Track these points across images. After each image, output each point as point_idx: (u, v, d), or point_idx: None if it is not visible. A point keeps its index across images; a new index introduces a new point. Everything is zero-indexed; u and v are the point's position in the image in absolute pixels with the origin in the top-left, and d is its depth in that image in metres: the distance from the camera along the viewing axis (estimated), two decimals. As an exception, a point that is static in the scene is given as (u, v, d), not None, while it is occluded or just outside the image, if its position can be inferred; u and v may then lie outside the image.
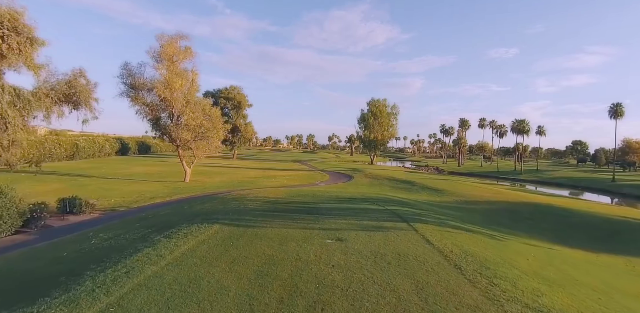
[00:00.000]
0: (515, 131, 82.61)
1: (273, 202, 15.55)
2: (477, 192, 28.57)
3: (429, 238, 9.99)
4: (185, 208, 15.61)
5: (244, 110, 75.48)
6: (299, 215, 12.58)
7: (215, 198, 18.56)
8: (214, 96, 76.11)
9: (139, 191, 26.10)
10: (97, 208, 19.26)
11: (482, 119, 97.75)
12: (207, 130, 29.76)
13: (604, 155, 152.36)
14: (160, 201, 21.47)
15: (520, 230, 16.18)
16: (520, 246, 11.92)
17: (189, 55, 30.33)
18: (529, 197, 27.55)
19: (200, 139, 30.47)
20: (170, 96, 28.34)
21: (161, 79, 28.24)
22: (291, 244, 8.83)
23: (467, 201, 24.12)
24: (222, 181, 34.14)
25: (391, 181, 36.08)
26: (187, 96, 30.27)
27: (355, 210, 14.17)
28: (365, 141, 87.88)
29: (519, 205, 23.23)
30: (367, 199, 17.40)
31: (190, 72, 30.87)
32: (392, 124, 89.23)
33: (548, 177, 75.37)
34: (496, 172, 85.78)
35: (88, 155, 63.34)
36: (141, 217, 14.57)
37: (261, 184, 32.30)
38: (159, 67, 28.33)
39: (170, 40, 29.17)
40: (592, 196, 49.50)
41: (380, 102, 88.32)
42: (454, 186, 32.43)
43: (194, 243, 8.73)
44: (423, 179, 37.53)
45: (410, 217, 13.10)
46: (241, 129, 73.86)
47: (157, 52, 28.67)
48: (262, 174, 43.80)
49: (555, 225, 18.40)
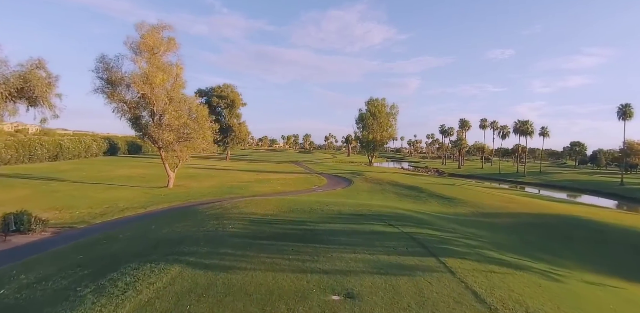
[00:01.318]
0: (518, 132, 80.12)
1: (260, 222, 12.53)
2: (491, 200, 25.72)
3: (474, 288, 7.07)
4: (151, 230, 12.56)
5: (238, 109, 72.32)
6: (291, 246, 9.58)
7: (193, 214, 15.51)
8: (207, 94, 72.90)
9: (112, 200, 23.00)
10: (53, 224, 16.22)
11: (483, 120, 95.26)
12: (192, 131, 26.69)
13: (603, 157, 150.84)
14: (131, 215, 18.41)
15: (564, 255, 13.30)
16: (585, 289, 9.03)
17: (173, 47, 27.26)
18: (549, 206, 24.75)
19: (185, 141, 27.41)
20: (150, 92, 25.26)
21: (140, 73, 25.15)
22: (280, 307, 5.86)
23: (484, 213, 21.25)
24: (210, 187, 31.06)
25: (395, 187, 33.17)
26: (171, 93, 27.18)
27: (363, 235, 11.21)
28: (363, 141, 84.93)
29: (544, 218, 20.40)
30: (375, 215, 14.44)
31: (174, 66, 27.79)
32: (391, 124, 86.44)
33: (552, 180, 72.90)
34: (498, 174, 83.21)
35: (73, 156, 59.99)
36: (91, 242, 11.52)
37: (253, 191, 29.28)
38: (137, 60, 25.22)
39: (151, 30, 26.08)
40: (608, 202, 46.87)
41: (379, 102, 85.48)
42: (464, 192, 29.58)
43: (131, 307, 5.73)
44: (428, 185, 34.66)
45: (436, 246, 10.15)
46: (234, 129, 70.68)
47: (136, 43, 25.57)
48: (255, 178, 40.74)
49: (598, 247, 15.58)
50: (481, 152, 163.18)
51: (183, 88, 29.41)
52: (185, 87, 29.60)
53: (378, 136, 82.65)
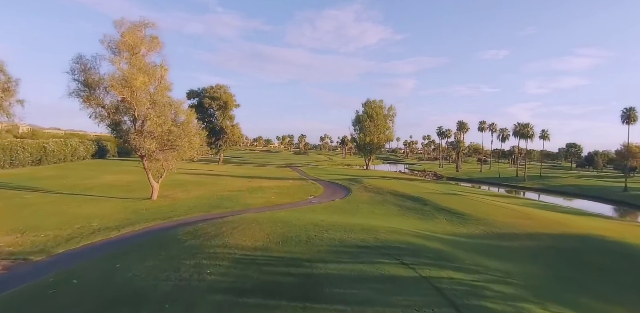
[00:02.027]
0: (518, 135, 78.39)
1: (246, 262, 10.31)
2: (502, 216, 23.64)
3: None
4: (114, 270, 10.27)
5: (231, 111, 69.89)
6: (285, 308, 7.39)
7: (170, 243, 13.23)
8: (199, 95, 70.46)
9: (86, 218, 20.61)
10: (7, 253, 13.85)
11: (482, 123, 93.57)
12: (176, 138, 24.33)
13: (600, 159, 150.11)
14: (101, 240, 16.05)
15: (612, 299, 11.20)
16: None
17: (156, 46, 24.87)
18: (566, 223, 22.73)
19: (169, 149, 25.05)
20: (130, 96, 22.88)
21: (118, 76, 22.77)
22: None
23: (500, 233, 19.15)
24: (198, 198, 28.72)
25: (396, 197, 31.03)
26: (154, 96, 24.80)
27: (374, 282, 9.03)
28: (360, 144, 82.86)
29: (567, 241, 18.36)
30: (384, 247, 12.29)
31: (158, 68, 25.40)
32: (388, 126, 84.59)
33: (554, 184, 71.30)
34: (498, 178, 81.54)
35: (58, 159, 57.28)
36: (32, 293, 9.20)
37: (244, 203, 27.00)
38: (116, 61, 22.80)
39: (132, 27, 23.68)
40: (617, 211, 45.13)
41: (377, 104, 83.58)
42: (472, 206, 27.51)
43: None
44: (431, 195, 32.58)
45: (467, 303, 8.00)
46: (227, 132, 68.27)
47: (115, 42, 23.16)
48: (248, 186, 38.42)
49: (635, 281, 13.53)
50: (479, 154, 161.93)
51: (169, 91, 26.99)
52: (171, 90, 27.19)
53: (375, 138, 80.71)
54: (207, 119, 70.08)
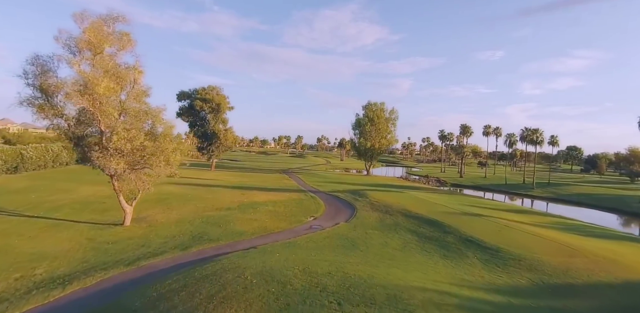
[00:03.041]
0: (526, 141, 74.66)
1: None
2: (547, 254, 19.50)
3: None
4: None
5: (224, 114, 65.49)
6: None
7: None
8: (190, 97, 65.99)
9: (35, 258, 16.41)
10: None
11: (487, 127, 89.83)
12: (150, 155, 20.13)
13: (603, 162, 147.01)
14: (33, 308, 11.87)
15: None
16: None
17: (127, 44, 20.62)
18: (622, 261, 18.85)
19: (142, 168, 20.85)
20: (91, 105, 18.64)
21: (74, 80, 18.54)
22: None
23: (554, 285, 15.16)
24: (179, 222, 24.53)
25: (409, 220, 27.02)
26: (125, 104, 20.59)
27: None
28: (360, 149, 78.72)
29: (633, 295, 14.51)
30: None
31: (130, 70, 21.16)
32: (390, 130, 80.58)
33: (565, 193, 67.65)
34: (505, 185, 77.80)
35: (38, 166, 52.68)
36: None
37: (232, 231, 22.79)
38: (74, 63, 18.53)
39: (96, 22, 19.44)
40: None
41: (378, 107, 79.61)
42: (501, 234, 23.57)
43: None
44: (448, 216, 28.60)
45: None
46: (220, 136, 63.89)
47: (74, 40, 18.92)
48: (239, 201, 34.20)
49: None
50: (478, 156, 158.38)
51: (145, 96, 22.70)
52: (148, 95, 22.90)
53: (377, 143, 76.66)
54: (199, 122, 65.79)
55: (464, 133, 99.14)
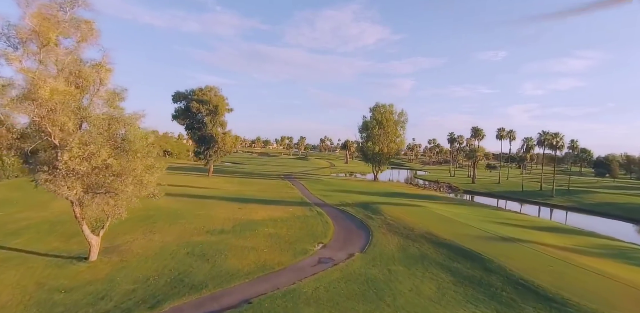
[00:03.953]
0: (545, 145, 69.82)
1: None
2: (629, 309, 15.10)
3: None
4: None
5: (222, 116, 61.01)
6: None
7: None
8: (186, 98, 61.53)
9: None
10: None
11: (500, 130, 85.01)
12: (115, 176, 15.71)
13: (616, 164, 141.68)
14: None
15: None
16: None
17: (89, 35, 16.22)
18: None
19: (105, 193, 16.42)
20: (34, 113, 14.25)
21: (9, 81, 14.12)
22: None
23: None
24: (158, 255, 20.03)
25: (438, 250, 22.48)
26: (86, 112, 16.18)
27: None
28: (368, 154, 74.13)
29: None
30: None
31: (95, 68, 16.74)
32: (399, 134, 75.91)
33: (587, 202, 62.84)
34: (521, 193, 72.97)
35: (21, 172, 48.75)
36: None
37: (222, 268, 18.25)
38: (13, 59, 14.10)
39: (46, 6, 15.04)
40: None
41: (387, 108, 74.98)
42: (556, 269, 19.02)
43: None
44: (486, 244, 24.05)
45: None
46: (218, 140, 59.46)
47: (14, 28, 14.51)
48: (236, 219, 29.70)
49: None
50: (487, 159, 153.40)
51: (120, 100, 18.29)
52: (123, 99, 18.45)
53: (385, 147, 72.05)
54: (196, 125, 61.30)
55: (475, 136, 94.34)
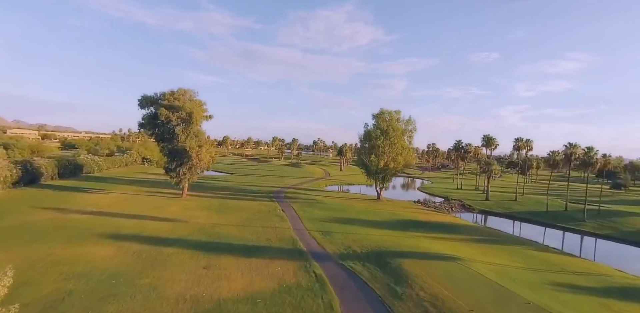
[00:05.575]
0: (574, 161, 60.48)
1: None
2: None
3: None
4: None
5: (198, 126, 50.31)
6: None
7: None
8: (154, 102, 50.78)
9: None
10: None
11: (518, 140, 75.66)
12: None
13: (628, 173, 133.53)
14: None
15: None
16: None
17: None
18: None
19: None
20: None
21: None
22: None
23: None
24: None
25: None
26: None
27: None
28: (370, 169, 64.08)
29: None
30: None
31: None
32: (406, 145, 66.04)
33: (628, 230, 53.62)
34: (545, 214, 63.60)
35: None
36: None
37: None
38: None
39: None
40: None
41: (393, 116, 65.15)
42: None
43: None
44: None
45: None
46: (192, 155, 48.79)
47: None
48: (194, 298, 19.21)
49: None
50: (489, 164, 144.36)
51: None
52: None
53: (391, 162, 62.08)
54: (166, 136, 50.41)
55: (487, 146, 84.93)
